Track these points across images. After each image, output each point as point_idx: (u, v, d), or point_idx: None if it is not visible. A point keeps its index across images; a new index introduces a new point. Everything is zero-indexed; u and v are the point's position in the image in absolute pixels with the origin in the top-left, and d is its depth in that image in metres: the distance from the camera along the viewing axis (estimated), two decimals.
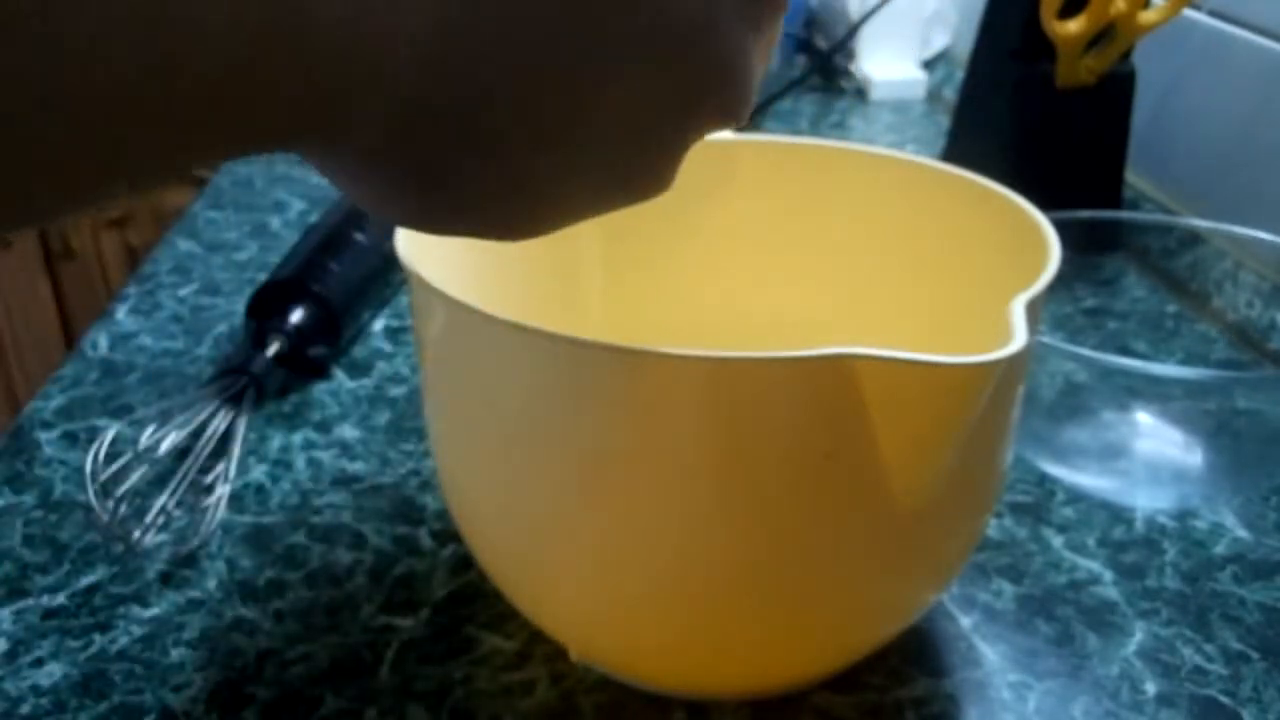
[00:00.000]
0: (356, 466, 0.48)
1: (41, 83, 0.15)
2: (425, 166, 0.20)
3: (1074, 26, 0.65)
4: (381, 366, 0.57)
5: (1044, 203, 0.42)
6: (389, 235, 0.59)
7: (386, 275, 0.59)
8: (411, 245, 0.33)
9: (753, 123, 0.92)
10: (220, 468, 0.45)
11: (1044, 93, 0.68)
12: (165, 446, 0.44)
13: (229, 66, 0.16)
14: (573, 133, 0.21)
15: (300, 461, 0.49)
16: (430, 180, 0.21)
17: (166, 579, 0.42)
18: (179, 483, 0.44)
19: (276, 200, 0.78)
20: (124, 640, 0.39)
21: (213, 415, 0.48)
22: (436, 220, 0.22)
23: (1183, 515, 0.46)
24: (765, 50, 0.24)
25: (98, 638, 0.39)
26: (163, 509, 0.43)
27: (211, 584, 0.42)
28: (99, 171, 0.16)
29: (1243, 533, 0.45)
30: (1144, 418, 0.48)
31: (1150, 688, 0.37)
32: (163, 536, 0.44)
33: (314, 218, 0.75)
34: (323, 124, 0.19)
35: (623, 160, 0.22)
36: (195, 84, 0.16)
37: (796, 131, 0.93)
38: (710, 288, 0.45)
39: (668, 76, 0.21)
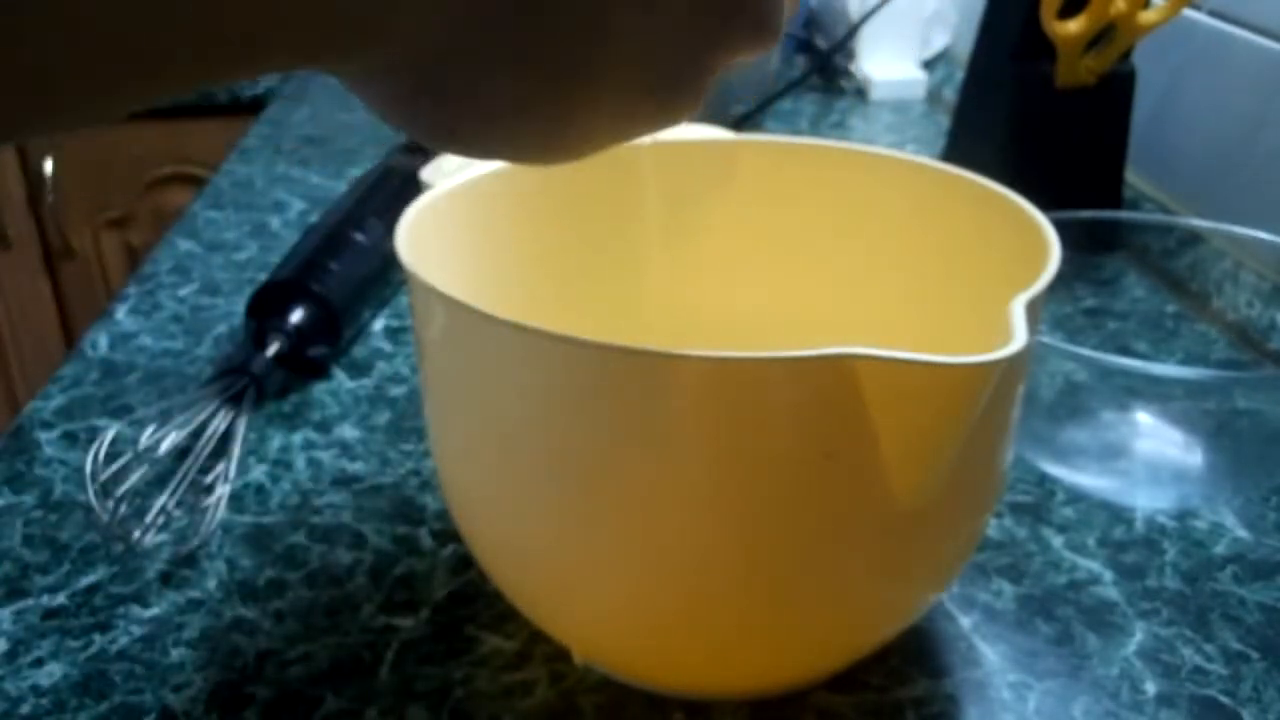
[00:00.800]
0: (356, 466, 0.48)
1: (55, 16, 0.15)
2: (450, 87, 0.20)
3: (1074, 26, 0.65)
4: (381, 366, 0.57)
5: (1044, 203, 0.42)
6: (389, 235, 0.59)
7: (386, 275, 0.59)
8: (411, 245, 0.33)
9: (753, 123, 0.92)
10: (220, 468, 0.45)
11: (1044, 93, 0.68)
12: (165, 446, 0.44)
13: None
14: (601, 54, 0.21)
15: (300, 461, 0.49)
16: (456, 100, 0.21)
17: (166, 579, 0.42)
18: (179, 483, 0.44)
19: (276, 200, 0.78)
20: (124, 640, 0.39)
21: (213, 415, 0.48)
22: (465, 140, 0.22)
23: (1183, 515, 0.46)
24: None
25: (98, 638, 0.39)
26: (163, 509, 0.43)
27: (211, 584, 0.42)
28: (110, 81, 0.16)
29: (1243, 533, 0.45)
30: (1144, 418, 0.48)
31: (1150, 688, 0.37)
32: (163, 536, 0.44)
33: (314, 218, 0.75)
34: (344, 49, 0.19)
35: (651, 82, 0.22)
36: (212, 11, 0.16)
37: (796, 131, 0.93)
38: (710, 288, 0.45)
39: None
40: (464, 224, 0.38)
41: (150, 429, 0.45)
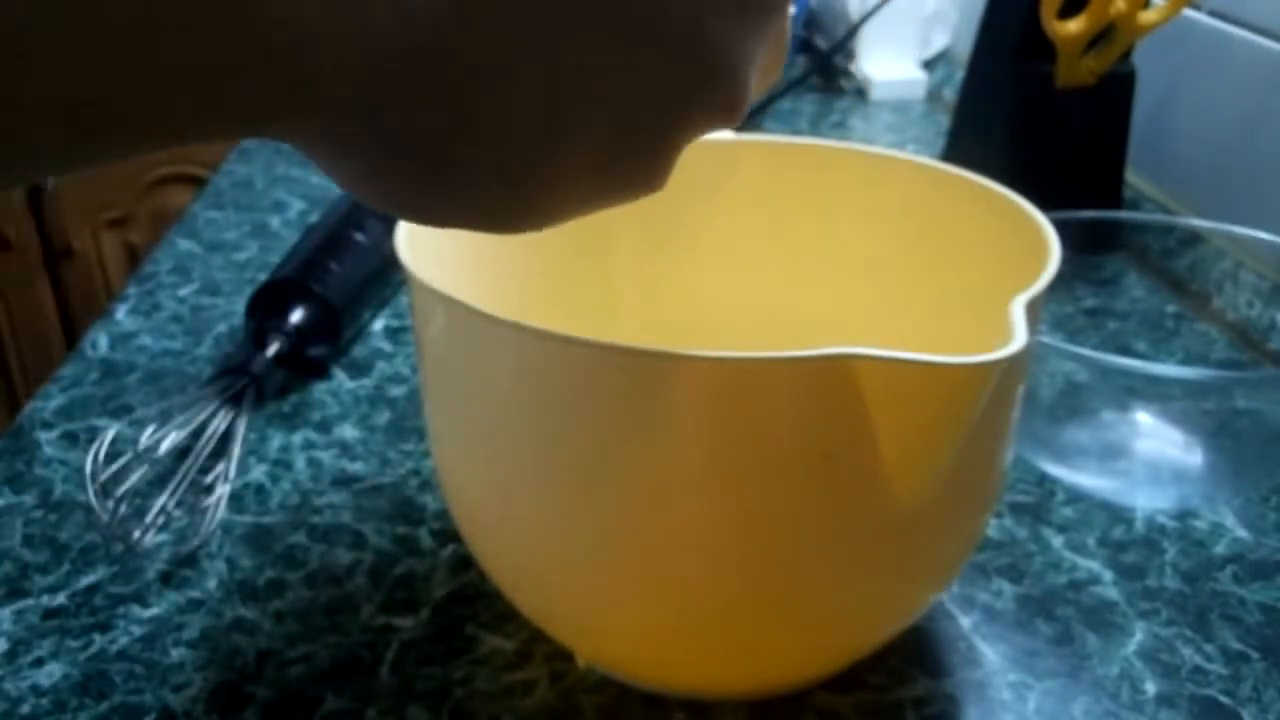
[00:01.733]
0: (356, 466, 0.48)
1: None
2: (403, 155, 0.20)
3: (1074, 26, 0.65)
4: (381, 366, 0.57)
5: (1044, 203, 0.42)
6: (389, 235, 0.59)
7: (386, 275, 0.59)
8: (411, 245, 0.33)
9: (753, 123, 0.92)
10: (220, 468, 0.45)
11: (1044, 93, 0.68)
12: (165, 446, 0.44)
13: (189, 55, 0.16)
14: (561, 128, 0.21)
15: (300, 461, 0.49)
16: (411, 169, 0.20)
17: (166, 579, 0.42)
18: (179, 483, 0.44)
19: (276, 200, 0.78)
20: (124, 640, 0.39)
21: (213, 415, 0.48)
22: (420, 210, 0.22)
23: (1183, 515, 0.46)
24: (774, 55, 0.24)
25: (98, 638, 0.39)
26: (163, 509, 0.43)
27: (211, 584, 0.42)
28: (52, 152, 0.16)
29: (1243, 533, 0.45)
30: (1144, 418, 0.48)
31: (1150, 688, 0.37)
32: (163, 536, 0.44)
33: (314, 218, 0.75)
34: (290, 112, 0.18)
35: (614, 157, 0.22)
36: (155, 72, 0.16)
37: (796, 131, 0.93)
38: (710, 288, 0.45)
39: (659, 74, 0.21)
40: None
41: (150, 429, 0.45)
